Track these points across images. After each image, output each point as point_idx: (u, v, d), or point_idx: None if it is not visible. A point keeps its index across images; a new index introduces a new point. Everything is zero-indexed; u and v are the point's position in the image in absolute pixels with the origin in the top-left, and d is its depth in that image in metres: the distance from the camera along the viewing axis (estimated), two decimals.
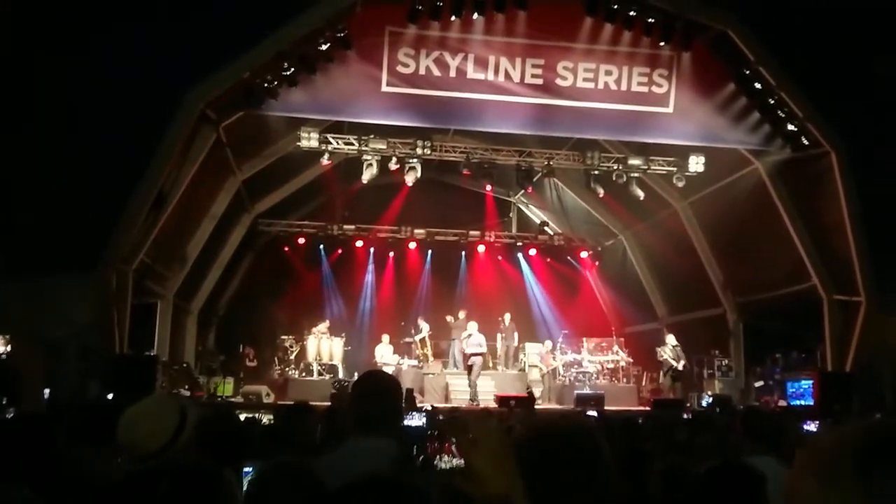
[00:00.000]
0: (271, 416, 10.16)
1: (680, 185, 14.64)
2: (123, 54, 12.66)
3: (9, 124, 12.12)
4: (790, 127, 12.97)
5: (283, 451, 3.69)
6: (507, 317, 16.85)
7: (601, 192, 15.17)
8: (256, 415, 9.27)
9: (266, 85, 11.85)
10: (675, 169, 14.59)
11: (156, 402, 2.57)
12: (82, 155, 11.86)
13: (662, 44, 12.69)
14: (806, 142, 13.03)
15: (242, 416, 9.11)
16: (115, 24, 12.72)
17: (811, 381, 12.70)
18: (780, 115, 12.96)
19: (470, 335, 14.90)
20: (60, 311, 12.28)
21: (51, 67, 12.27)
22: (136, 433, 2.38)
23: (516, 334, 16.76)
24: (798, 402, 12.74)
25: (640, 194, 14.97)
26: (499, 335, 16.64)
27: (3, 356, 9.91)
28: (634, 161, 14.72)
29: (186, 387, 13.50)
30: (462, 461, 1.31)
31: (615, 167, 14.78)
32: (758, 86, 12.84)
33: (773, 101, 12.89)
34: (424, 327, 16.19)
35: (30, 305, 12.23)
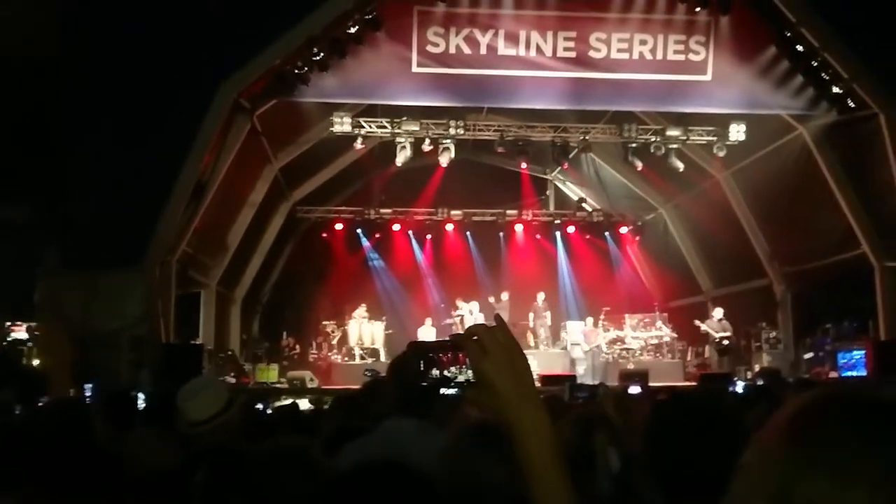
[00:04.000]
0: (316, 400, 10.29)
1: (721, 154, 14.29)
2: (155, 46, 12.82)
3: (52, 125, 12.41)
4: (835, 89, 12.52)
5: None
6: (541, 296, 16.64)
7: (640, 165, 14.91)
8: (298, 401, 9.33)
9: (297, 71, 11.88)
10: (715, 138, 14.24)
11: (211, 380, 2.94)
12: (124, 149, 12.09)
13: (699, 9, 12.34)
14: (852, 104, 12.57)
15: (286, 402, 9.23)
16: (146, 18, 12.88)
17: (863, 352, 12.34)
18: (825, 77, 12.52)
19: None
20: (113, 304, 12.57)
21: (87, 65, 12.52)
22: (193, 401, 2.77)
23: (548, 314, 16.55)
24: (850, 373, 12.41)
25: (680, 166, 14.68)
26: (530, 314, 16.52)
27: (29, 344, 10.19)
28: (673, 132, 14.41)
29: (232, 374, 13.72)
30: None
31: (653, 139, 14.49)
32: (800, 48, 12.41)
33: (816, 63, 12.46)
34: (464, 308, 16.12)
35: (84, 299, 12.55)
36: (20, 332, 10.71)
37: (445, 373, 1.34)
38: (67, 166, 12.72)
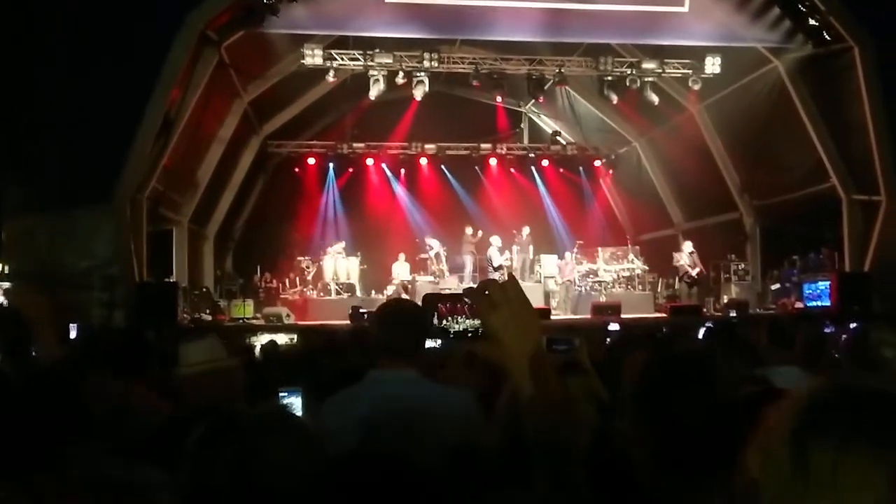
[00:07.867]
0: (293, 337, 10.36)
1: (696, 87, 14.28)
2: None
3: (15, 62, 11.89)
4: (812, 22, 12.48)
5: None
6: (526, 230, 16.67)
7: (615, 98, 14.83)
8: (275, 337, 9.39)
9: (266, 1, 11.48)
10: (690, 71, 14.20)
11: (213, 338, 2.83)
12: (86, 84, 11.64)
13: None
14: (828, 37, 12.55)
15: (264, 339, 9.28)
16: None
17: (828, 283, 12.67)
18: (802, 9, 12.46)
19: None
20: (82, 244, 12.37)
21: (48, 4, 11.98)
22: (190, 346, 2.81)
23: (532, 247, 16.65)
24: (815, 304, 12.77)
25: (655, 99, 14.64)
26: (514, 247, 16.59)
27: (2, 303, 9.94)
28: (649, 65, 14.31)
29: (207, 311, 13.71)
30: (475, 322, 1.33)
31: (629, 72, 14.39)
32: None
33: None
34: (435, 244, 16.12)
35: (52, 239, 12.33)
36: None
37: (444, 322, 1.37)
38: (25, 103, 12.27)
